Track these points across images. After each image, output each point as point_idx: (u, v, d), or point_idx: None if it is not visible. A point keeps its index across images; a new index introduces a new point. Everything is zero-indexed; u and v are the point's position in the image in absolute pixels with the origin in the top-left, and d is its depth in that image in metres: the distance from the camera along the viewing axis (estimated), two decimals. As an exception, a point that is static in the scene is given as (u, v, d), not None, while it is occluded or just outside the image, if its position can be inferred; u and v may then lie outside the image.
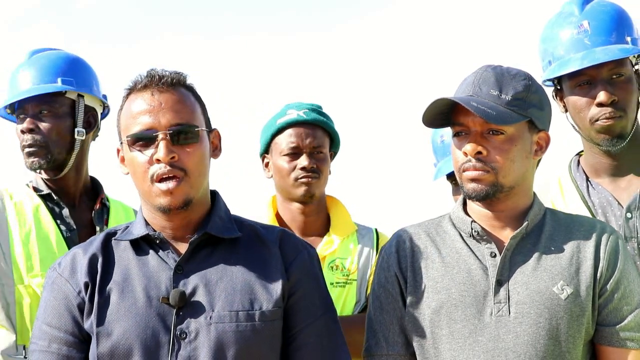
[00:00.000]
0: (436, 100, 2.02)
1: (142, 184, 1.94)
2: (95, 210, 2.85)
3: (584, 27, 2.44)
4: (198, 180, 1.95)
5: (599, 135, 2.43)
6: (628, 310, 2.00)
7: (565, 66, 2.43)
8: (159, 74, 1.96)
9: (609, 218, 2.43)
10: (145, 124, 1.92)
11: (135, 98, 1.96)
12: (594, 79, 2.41)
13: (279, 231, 2.07)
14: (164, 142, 1.90)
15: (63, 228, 2.75)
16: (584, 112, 2.43)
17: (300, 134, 2.83)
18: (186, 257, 1.95)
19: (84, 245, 2.04)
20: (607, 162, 2.49)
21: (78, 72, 2.84)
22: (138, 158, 1.93)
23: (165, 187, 1.90)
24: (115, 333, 1.87)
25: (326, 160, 2.86)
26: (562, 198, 2.51)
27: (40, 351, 1.93)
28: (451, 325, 2.00)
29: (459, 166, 2.04)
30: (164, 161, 1.89)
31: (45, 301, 1.97)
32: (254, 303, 1.92)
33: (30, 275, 2.64)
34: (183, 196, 1.91)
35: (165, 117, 1.92)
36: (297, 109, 2.88)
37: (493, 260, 2.03)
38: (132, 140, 1.93)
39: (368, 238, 2.92)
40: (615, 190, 2.47)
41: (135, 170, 1.94)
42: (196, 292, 1.91)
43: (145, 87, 1.95)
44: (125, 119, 1.96)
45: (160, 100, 1.93)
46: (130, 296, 1.91)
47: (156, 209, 1.95)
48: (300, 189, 2.81)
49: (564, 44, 2.47)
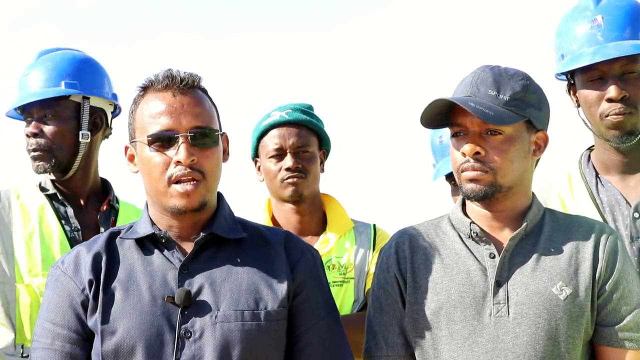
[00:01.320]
0: (434, 101, 2.02)
1: (156, 184, 1.94)
2: (102, 212, 2.85)
3: (597, 22, 2.43)
4: (214, 184, 1.96)
5: (608, 131, 2.42)
6: (627, 311, 2.01)
7: (576, 60, 2.42)
8: (181, 76, 1.96)
9: (616, 217, 2.42)
10: (166, 124, 1.92)
11: (154, 98, 1.95)
12: (606, 74, 2.40)
13: (283, 233, 2.08)
14: (185, 145, 1.90)
15: (67, 228, 2.76)
16: (594, 107, 2.42)
17: (282, 135, 2.83)
18: (191, 256, 1.95)
19: (87, 244, 2.04)
20: (617, 159, 2.48)
21: (84, 74, 2.84)
22: (155, 158, 1.92)
23: (183, 189, 1.90)
24: (120, 331, 1.87)
25: (313, 159, 2.85)
26: (570, 193, 2.50)
27: (43, 348, 1.93)
28: (450, 326, 2.01)
29: (458, 166, 2.05)
30: (185, 163, 1.89)
31: (48, 299, 1.97)
32: (259, 303, 1.92)
33: (31, 275, 2.65)
34: (199, 199, 1.92)
35: (187, 119, 1.92)
36: (280, 110, 2.88)
37: (492, 261, 2.03)
38: (152, 140, 1.93)
39: (365, 235, 2.91)
40: (624, 189, 2.46)
41: (151, 170, 1.94)
42: (201, 291, 1.92)
43: (166, 87, 1.95)
44: (143, 118, 1.95)
45: (183, 102, 1.93)
46: (135, 295, 1.91)
47: (168, 210, 1.95)
48: (287, 189, 2.80)
49: (577, 38, 2.46)
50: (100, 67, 2.93)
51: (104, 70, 2.93)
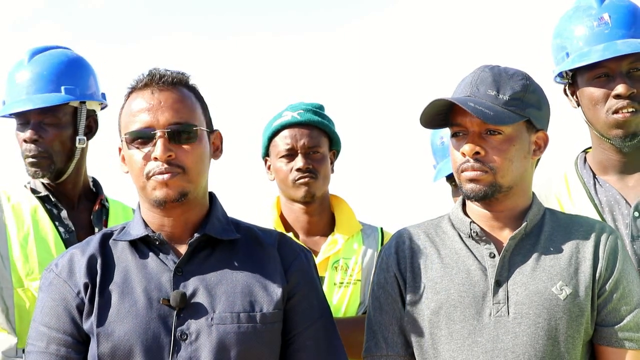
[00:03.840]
0: (433, 101, 2.02)
1: (138, 181, 1.95)
2: (94, 212, 2.84)
3: (604, 20, 2.43)
4: (196, 177, 1.95)
5: (612, 130, 2.41)
6: (627, 311, 2.00)
7: (585, 57, 2.41)
8: (160, 73, 1.97)
9: (616, 217, 2.42)
10: (144, 122, 1.93)
11: (135, 96, 1.97)
12: (613, 71, 2.39)
13: (277, 234, 2.08)
14: (161, 141, 1.91)
15: (61, 230, 2.74)
16: (599, 105, 2.40)
17: (294, 135, 2.83)
18: (185, 259, 1.95)
19: (80, 246, 2.03)
20: (616, 159, 2.47)
21: (80, 77, 2.82)
22: (135, 155, 1.94)
23: (161, 177, 1.90)
24: (116, 334, 1.87)
25: (324, 160, 2.86)
26: (568, 195, 2.50)
27: (38, 352, 1.93)
28: (450, 325, 2.01)
29: (458, 167, 2.05)
30: (161, 159, 1.90)
31: (43, 302, 1.97)
32: (255, 305, 1.92)
33: (29, 279, 2.63)
34: (179, 188, 1.92)
35: (164, 116, 1.92)
36: (292, 110, 2.88)
37: (492, 261, 2.03)
38: (131, 138, 1.94)
39: (373, 237, 2.92)
40: (623, 189, 2.45)
41: (132, 167, 1.95)
42: (196, 293, 1.92)
43: (145, 85, 1.96)
44: (125, 117, 1.97)
45: (160, 98, 1.94)
46: (131, 298, 1.91)
47: (153, 204, 1.95)
48: (299, 190, 2.81)
49: (583, 37, 2.44)
50: (90, 66, 2.90)
51: (93, 69, 2.91)
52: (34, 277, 2.63)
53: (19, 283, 2.63)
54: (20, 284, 2.63)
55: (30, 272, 2.64)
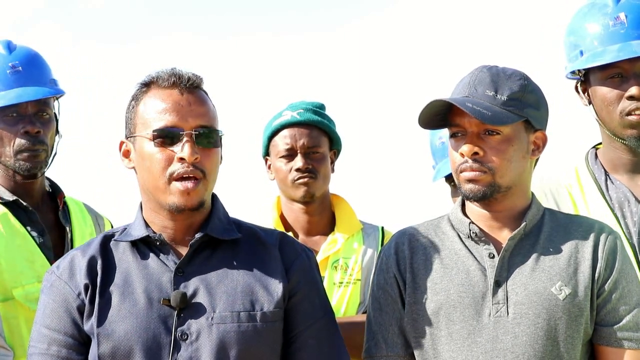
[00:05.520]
0: (432, 102, 2.02)
1: (156, 181, 1.93)
2: (60, 211, 2.78)
3: (620, 20, 2.41)
4: (212, 184, 1.97)
5: (626, 130, 2.39)
6: (626, 311, 2.01)
7: (599, 57, 2.39)
8: (187, 75, 1.97)
9: (625, 214, 2.41)
10: (171, 121, 1.92)
11: (159, 94, 1.96)
12: (627, 72, 2.38)
13: (278, 234, 2.08)
14: (189, 143, 1.91)
15: (34, 234, 2.66)
16: (613, 106, 2.39)
17: (293, 135, 2.83)
18: (186, 259, 1.95)
19: (81, 248, 2.04)
20: (627, 158, 2.46)
21: (50, 70, 2.79)
22: (158, 154, 1.92)
23: (184, 187, 1.90)
24: (117, 334, 1.88)
25: (324, 159, 2.85)
26: (579, 188, 2.48)
27: (39, 354, 1.93)
28: (450, 326, 2.01)
29: (456, 167, 2.05)
30: (189, 161, 1.90)
31: (44, 304, 1.97)
32: (255, 304, 1.93)
33: (15, 290, 2.56)
34: (199, 198, 1.92)
35: (193, 118, 1.93)
36: (292, 109, 2.88)
37: (491, 261, 2.03)
38: (156, 135, 1.92)
39: (373, 237, 2.91)
40: (633, 187, 2.44)
41: (151, 165, 1.93)
42: (197, 293, 1.92)
43: (173, 84, 1.96)
44: (147, 114, 1.95)
45: (189, 100, 1.94)
46: (131, 298, 1.91)
47: (166, 208, 1.95)
48: (299, 190, 2.81)
49: (598, 36, 2.42)
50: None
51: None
52: (18, 287, 2.56)
53: (4, 295, 2.55)
54: (5, 296, 2.55)
55: (14, 283, 2.56)
